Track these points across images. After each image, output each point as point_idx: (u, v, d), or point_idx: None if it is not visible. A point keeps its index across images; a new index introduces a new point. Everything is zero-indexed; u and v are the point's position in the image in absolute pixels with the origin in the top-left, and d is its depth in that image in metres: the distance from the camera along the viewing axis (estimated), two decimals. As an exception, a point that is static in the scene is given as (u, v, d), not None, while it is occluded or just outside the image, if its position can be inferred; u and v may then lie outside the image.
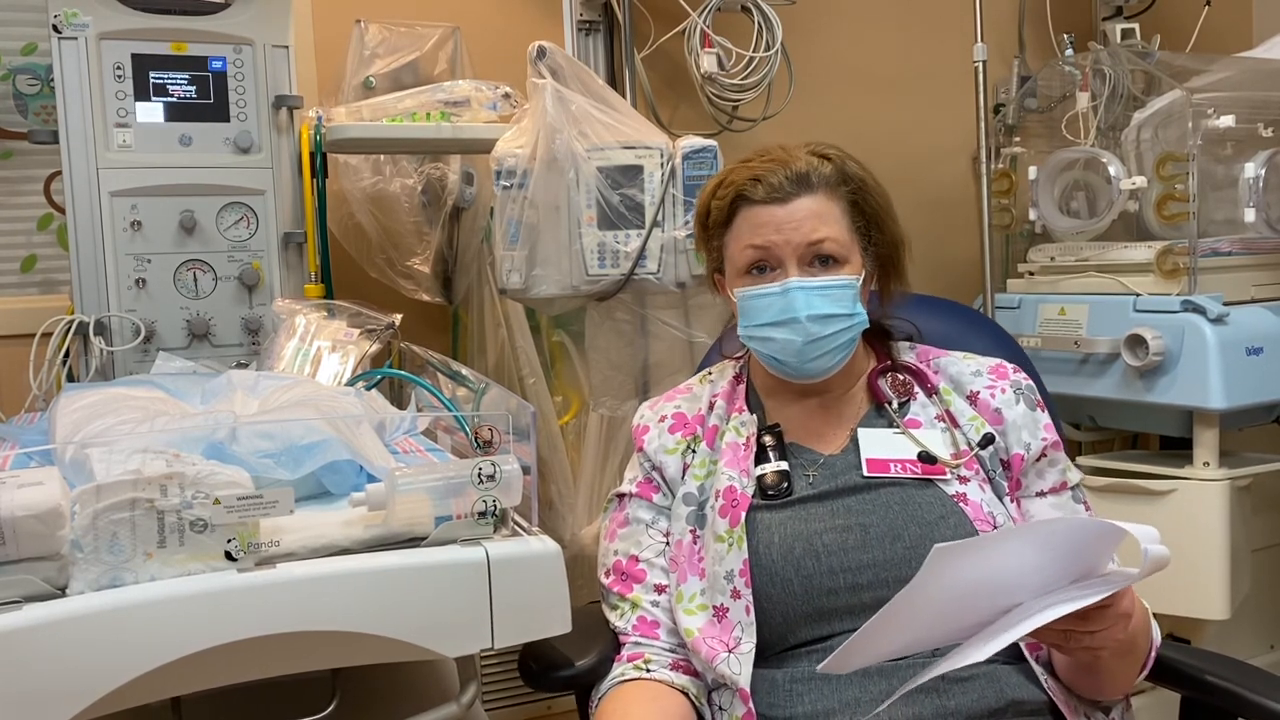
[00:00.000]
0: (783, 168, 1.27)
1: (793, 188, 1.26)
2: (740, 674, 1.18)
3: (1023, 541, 0.96)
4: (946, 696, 1.15)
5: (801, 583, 1.21)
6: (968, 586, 0.94)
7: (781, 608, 1.21)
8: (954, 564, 0.92)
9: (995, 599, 0.97)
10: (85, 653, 0.94)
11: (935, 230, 2.42)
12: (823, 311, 1.25)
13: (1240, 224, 2.23)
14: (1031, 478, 1.30)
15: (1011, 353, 1.56)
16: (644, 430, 1.37)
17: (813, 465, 1.30)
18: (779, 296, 1.26)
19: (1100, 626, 1.00)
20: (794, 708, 1.18)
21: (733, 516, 1.25)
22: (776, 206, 1.26)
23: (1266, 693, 1.18)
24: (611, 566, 1.33)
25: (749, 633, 1.20)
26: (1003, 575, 0.95)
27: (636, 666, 1.24)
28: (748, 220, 1.28)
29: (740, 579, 1.22)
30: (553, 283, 1.87)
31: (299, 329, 1.70)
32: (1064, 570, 0.96)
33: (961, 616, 0.97)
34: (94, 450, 1.11)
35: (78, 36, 1.72)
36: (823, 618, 1.20)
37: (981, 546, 0.94)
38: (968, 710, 1.14)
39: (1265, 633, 2.39)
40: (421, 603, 1.06)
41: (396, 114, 1.95)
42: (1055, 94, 2.56)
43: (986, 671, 1.17)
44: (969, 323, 1.69)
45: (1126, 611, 1.02)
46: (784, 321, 1.26)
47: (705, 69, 2.26)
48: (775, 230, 1.25)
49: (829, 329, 1.26)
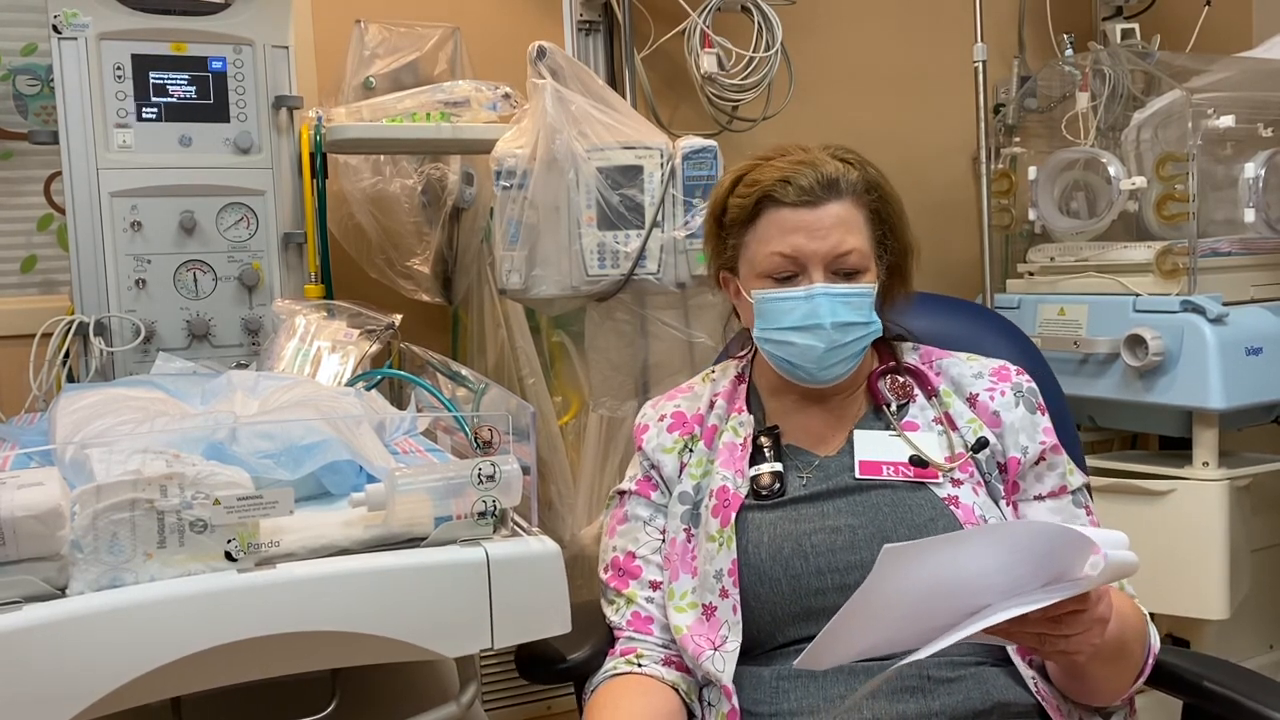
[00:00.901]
0: (812, 170, 1.25)
1: (823, 192, 1.24)
2: (724, 671, 1.19)
3: (981, 544, 0.96)
4: (931, 697, 1.15)
5: (789, 582, 1.22)
6: (927, 588, 0.94)
7: (770, 607, 1.22)
8: (905, 565, 0.92)
9: (960, 600, 0.96)
10: (85, 653, 0.94)
11: (935, 230, 2.40)
12: (845, 319, 1.25)
13: (1240, 224, 2.23)
14: (1030, 481, 1.29)
15: (1022, 348, 1.56)
16: (644, 429, 1.38)
17: (808, 467, 1.30)
18: (803, 301, 1.25)
19: (1073, 630, 0.99)
20: (780, 704, 1.19)
21: (724, 516, 1.26)
22: (806, 210, 1.24)
23: (1266, 700, 1.17)
24: (610, 562, 1.34)
25: (735, 631, 1.21)
26: (964, 577, 0.94)
27: (629, 661, 1.26)
28: (775, 223, 1.26)
29: (729, 578, 1.22)
30: (552, 283, 1.87)
31: (299, 329, 1.70)
32: (1032, 574, 0.95)
33: (930, 617, 0.97)
34: (94, 451, 1.11)
35: (78, 37, 1.72)
36: (810, 617, 1.21)
37: (934, 548, 0.93)
38: (952, 711, 1.14)
39: (1265, 633, 2.39)
40: (421, 603, 1.06)
41: (396, 114, 1.95)
42: (1055, 94, 2.56)
43: (973, 673, 1.17)
44: (979, 320, 1.67)
45: (1102, 617, 1.00)
46: (808, 327, 1.25)
47: (705, 69, 2.27)
48: (806, 236, 1.24)
49: (849, 336, 1.26)
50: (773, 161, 1.28)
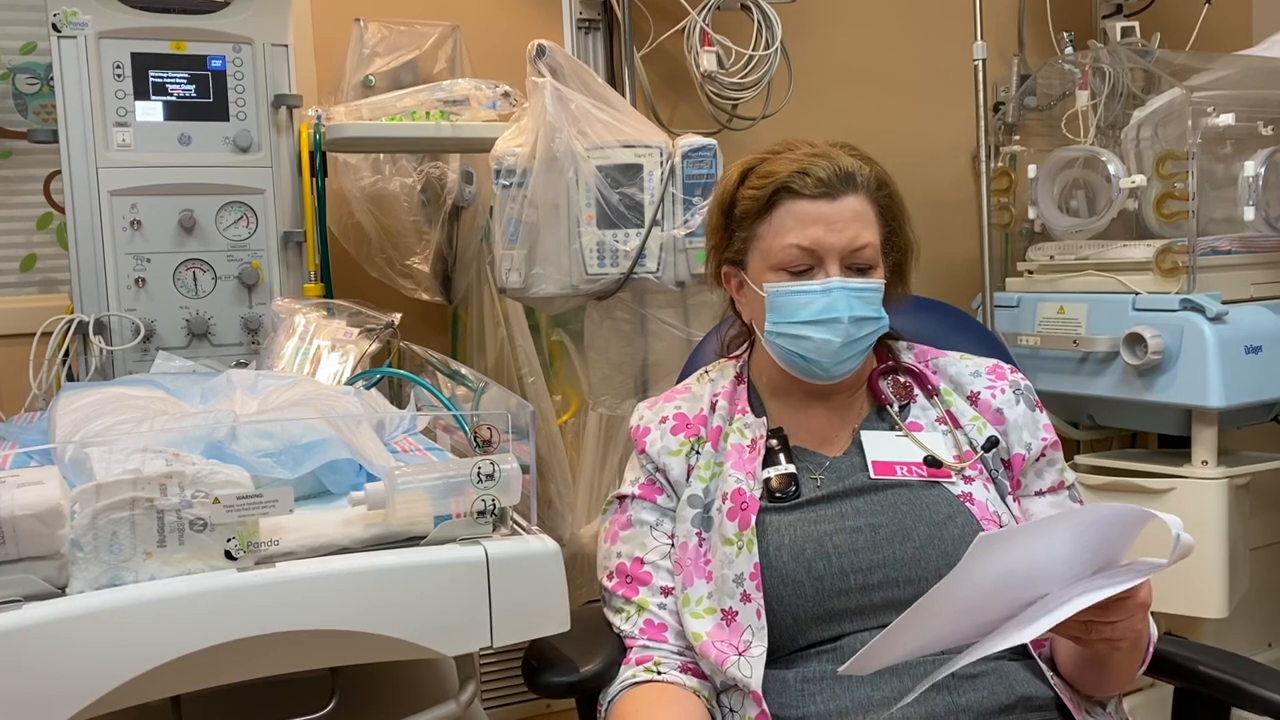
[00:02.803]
0: (829, 162, 1.25)
1: (841, 184, 1.24)
2: (752, 677, 1.17)
3: (1063, 530, 0.96)
4: (958, 693, 1.15)
5: (813, 584, 1.20)
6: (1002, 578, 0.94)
7: (792, 609, 1.21)
8: (997, 552, 0.92)
9: (1024, 590, 0.96)
10: (85, 652, 0.94)
11: (934, 229, 2.39)
12: (861, 314, 1.25)
13: (1239, 222, 2.23)
14: (1031, 477, 1.30)
15: (999, 355, 1.54)
16: (645, 431, 1.35)
17: (818, 468, 1.30)
18: (821, 295, 1.24)
19: (1120, 617, 1.00)
20: (805, 708, 1.18)
21: (742, 519, 1.23)
22: (825, 203, 1.23)
23: (1260, 682, 1.18)
24: (615, 569, 1.31)
25: (760, 636, 1.19)
26: (1036, 566, 0.94)
27: (647, 669, 1.23)
28: (793, 214, 1.25)
29: (751, 582, 1.20)
30: (552, 282, 1.87)
31: (298, 328, 1.70)
32: (1090, 559, 0.96)
33: (988, 609, 0.97)
34: (94, 449, 1.11)
35: (77, 35, 1.72)
36: (833, 618, 1.20)
37: (1026, 534, 0.94)
38: (979, 707, 1.14)
39: (1263, 631, 2.39)
40: (421, 602, 1.06)
41: (396, 113, 1.95)
42: (1055, 92, 2.56)
43: (995, 668, 1.17)
44: (956, 324, 1.67)
45: (1145, 601, 1.01)
46: (825, 321, 1.24)
47: (705, 68, 2.27)
48: (825, 229, 1.23)
49: (863, 331, 1.26)
50: (783, 155, 1.28)
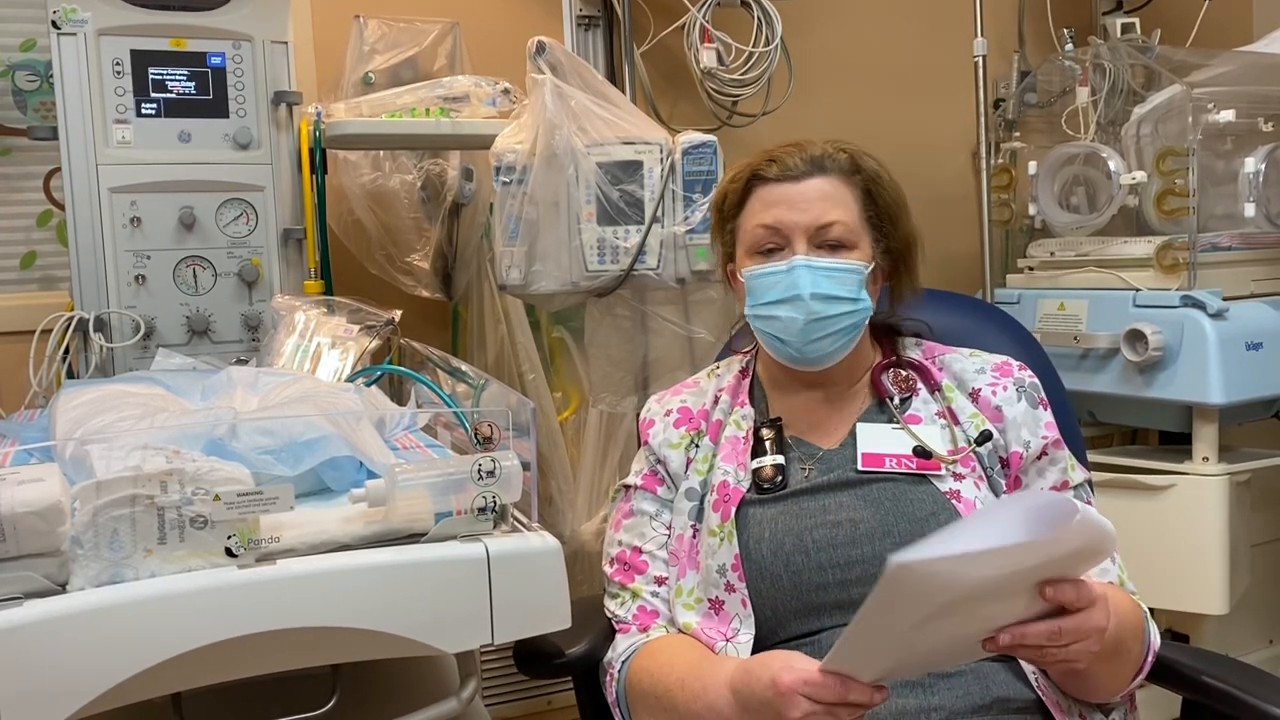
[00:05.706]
0: (799, 150, 1.30)
1: (807, 168, 1.28)
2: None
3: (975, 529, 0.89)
4: (931, 692, 1.15)
5: (791, 578, 1.22)
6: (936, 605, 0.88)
7: (771, 602, 1.22)
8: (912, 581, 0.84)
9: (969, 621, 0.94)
10: (86, 649, 0.94)
11: (935, 225, 2.38)
12: (827, 292, 1.25)
13: (1240, 219, 2.23)
14: (1031, 476, 1.29)
15: (1024, 343, 1.56)
16: (649, 424, 1.39)
17: (810, 459, 1.30)
18: (785, 274, 1.27)
19: (1072, 640, 0.99)
20: None
21: (724, 511, 1.26)
22: (790, 184, 1.28)
23: (1266, 695, 1.17)
24: (615, 556, 1.34)
25: (747, 623, 1.22)
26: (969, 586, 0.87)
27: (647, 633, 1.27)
28: (760, 198, 1.30)
29: (733, 573, 1.23)
30: (552, 279, 1.87)
31: (299, 325, 1.70)
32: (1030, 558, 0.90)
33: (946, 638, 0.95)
34: (94, 447, 1.11)
35: (77, 32, 1.72)
36: (812, 613, 1.21)
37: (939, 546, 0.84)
38: (952, 706, 1.14)
39: (1264, 628, 2.39)
40: (421, 599, 1.06)
41: (396, 110, 1.95)
42: (1055, 89, 2.56)
43: (974, 669, 1.17)
44: (981, 315, 1.67)
45: (1099, 625, 1.00)
46: (788, 299, 1.26)
47: (705, 64, 2.26)
48: (787, 208, 1.27)
49: (832, 310, 1.26)
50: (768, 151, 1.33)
